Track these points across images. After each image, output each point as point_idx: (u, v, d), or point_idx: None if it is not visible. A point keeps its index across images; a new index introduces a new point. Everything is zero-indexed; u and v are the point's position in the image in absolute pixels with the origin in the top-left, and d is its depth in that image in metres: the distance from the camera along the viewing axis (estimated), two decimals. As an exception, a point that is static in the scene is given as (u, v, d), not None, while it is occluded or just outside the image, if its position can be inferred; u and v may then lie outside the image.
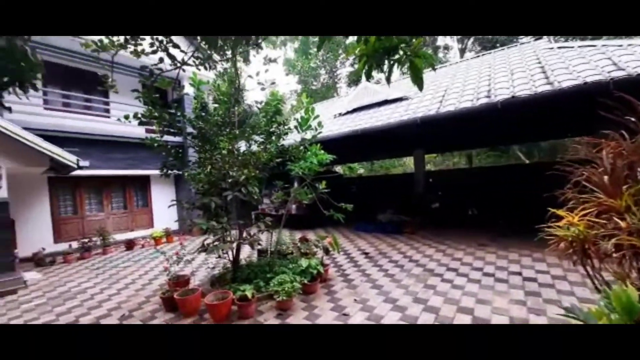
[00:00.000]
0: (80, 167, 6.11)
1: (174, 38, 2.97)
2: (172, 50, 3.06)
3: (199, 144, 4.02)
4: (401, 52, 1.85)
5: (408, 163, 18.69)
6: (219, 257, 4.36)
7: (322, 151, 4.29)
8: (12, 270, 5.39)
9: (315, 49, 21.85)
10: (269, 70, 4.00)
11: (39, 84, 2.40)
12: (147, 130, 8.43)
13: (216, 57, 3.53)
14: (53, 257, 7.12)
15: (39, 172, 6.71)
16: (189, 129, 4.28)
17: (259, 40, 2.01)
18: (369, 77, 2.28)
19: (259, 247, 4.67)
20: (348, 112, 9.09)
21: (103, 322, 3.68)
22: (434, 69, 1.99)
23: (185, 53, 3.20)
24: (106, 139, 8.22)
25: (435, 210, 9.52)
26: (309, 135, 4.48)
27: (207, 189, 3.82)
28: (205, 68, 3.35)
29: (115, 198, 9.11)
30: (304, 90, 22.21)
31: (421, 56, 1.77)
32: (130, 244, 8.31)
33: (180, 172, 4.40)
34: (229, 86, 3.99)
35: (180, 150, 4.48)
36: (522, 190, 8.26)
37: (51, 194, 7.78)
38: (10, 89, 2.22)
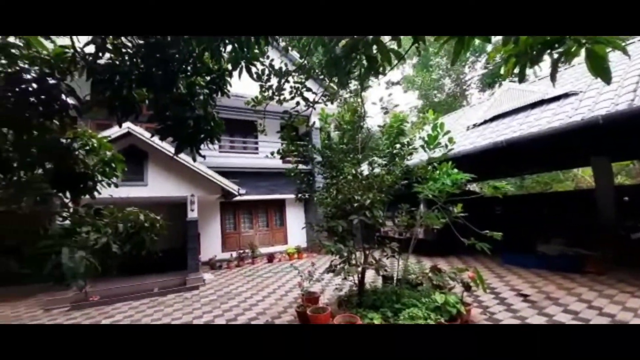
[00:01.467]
0: (240, 194, 7.95)
1: (307, 83, 3.45)
2: (306, 94, 3.57)
3: (326, 170, 4.42)
4: (569, 43, 1.42)
5: (581, 175, 14.11)
6: (345, 278, 4.49)
7: (455, 170, 3.81)
8: (197, 271, 7.42)
9: (436, 59, 20.65)
10: (391, 94, 4.03)
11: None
12: (284, 162, 10.11)
13: (341, 92, 3.89)
14: (221, 263, 9.37)
15: (214, 198, 9.13)
16: (317, 157, 4.81)
17: (384, 70, 2.02)
18: (522, 79, 1.88)
19: (385, 273, 4.52)
20: (485, 122, 7.85)
21: (254, 323, 4.43)
22: (627, 54, 1.40)
23: (316, 94, 3.67)
24: (255, 171, 10.41)
25: (637, 243, 6.58)
26: (437, 153, 4.12)
27: (334, 212, 4.08)
28: (331, 102, 3.73)
29: (261, 218, 11.21)
30: (425, 106, 21.10)
31: (603, 42, 1.30)
32: (270, 258, 9.92)
33: (308, 197, 4.94)
34: (352, 115, 4.27)
35: (310, 177, 5.09)
36: None
37: (221, 214, 10.41)
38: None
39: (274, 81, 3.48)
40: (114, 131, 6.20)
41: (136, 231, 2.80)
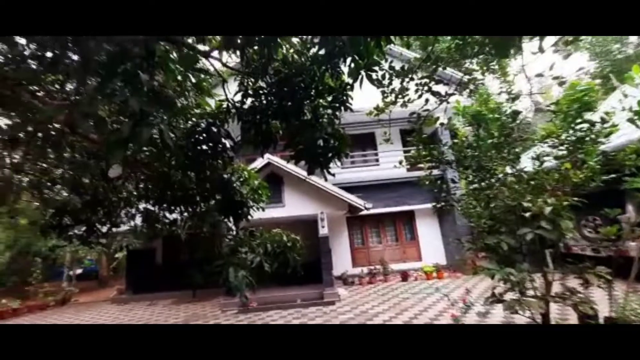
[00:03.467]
0: (367, 209, 7.89)
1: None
2: (435, 88, 3.08)
3: (471, 173, 3.65)
4: None
5: None
6: (515, 312, 3.45)
7: None
8: (332, 286, 7.70)
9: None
10: (567, 58, 2.94)
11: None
12: (409, 170, 9.47)
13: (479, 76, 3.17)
14: (352, 279, 9.47)
15: (341, 214, 9.47)
16: (455, 159, 4.08)
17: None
18: None
19: (586, 311, 3.19)
20: None
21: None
22: None
23: (448, 84, 3.12)
24: (377, 183, 10.21)
25: None
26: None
27: (491, 225, 3.25)
28: (472, 89, 3.07)
29: (389, 232, 10.78)
30: (603, 67, 15.69)
31: None
32: (404, 275, 9.25)
33: (442, 206, 4.22)
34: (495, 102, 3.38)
35: (444, 184, 4.36)
36: None
37: (348, 230, 10.68)
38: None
39: (395, 84, 3.20)
40: (258, 162, 7.51)
41: (281, 251, 3.08)
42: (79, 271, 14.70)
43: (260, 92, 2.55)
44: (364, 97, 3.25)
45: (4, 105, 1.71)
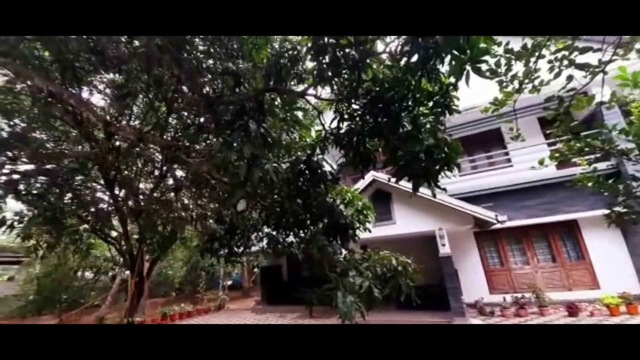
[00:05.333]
0: (500, 222, 6.65)
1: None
2: (579, 59, 2.40)
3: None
4: None
5: None
6: None
7: None
8: (463, 316, 6.68)
9: None
10: None
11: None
12: (560, 167, 7.50)
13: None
14: (492, 308, 7.94)
15: (466, 229, 8.30)
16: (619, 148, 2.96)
17: None
18: None
19: None
20: None
21: None
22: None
23: (601, 50, 2.37)
24: (512, 189, 8.49)
25: None
26: None
27: None
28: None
29: (540, 249, 8.65)
30: None
31: None
32: (572, 308, 7.09)
33: (622, 213, 3.06)
34: None
35: (620, 183, 3.18)
36: None
37: (479, 247, 9.20)
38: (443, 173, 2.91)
39: (517, 68, 2.66)
40: (362, 182, 7.62)
41: (392, 275, 2.96)
42: (229, 282, 18.46)
43: (354, 114, 2.64)
44: (479, 91, 2.86)
45: (173, 162, 2.49)
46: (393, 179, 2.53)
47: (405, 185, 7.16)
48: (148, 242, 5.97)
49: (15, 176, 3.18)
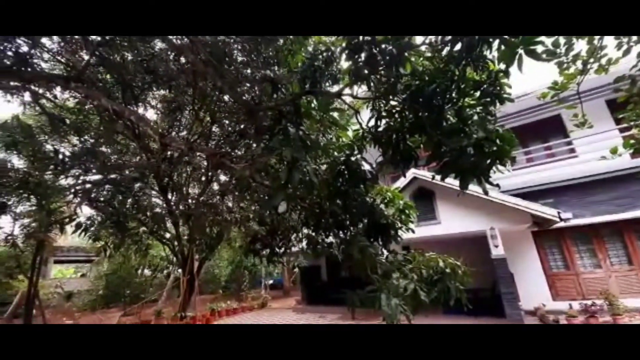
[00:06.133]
0: (563, 220, 6.02)
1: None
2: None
3: None
4: None
5: None
6: None
7: None
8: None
9: None
10: None
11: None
12: (635, 156, 6.57)
13: None
14: (556, 316, 7.17)
15: (523, 228, 7.62)
16: None
17: None
18: None
19: None
20: None
21: None
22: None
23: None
24: (577, 182, 7.61)
25: None
26: None
27: None
28: None
29: (613, 250, 7.63)
30: None
31: None
32: (658, 321, 6.14)
33: None
34: None
35: None
36: None
37: (538, 248, 8.37)
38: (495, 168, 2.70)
39: (579, 46, 2.38)
40: (402, 181, 7.38)
41: (439, 278, 2.83)
42: (270, 281, 19.12)
43: (393, 111, 2.58)
44: (534, 75, 2.61)
45: (217, 168, 2.68)
46: (437, 177, 2.42)
47: (452, 182, 6.83)
48: (197, 242, 6.45)
49: (88, 186, 3.67)
